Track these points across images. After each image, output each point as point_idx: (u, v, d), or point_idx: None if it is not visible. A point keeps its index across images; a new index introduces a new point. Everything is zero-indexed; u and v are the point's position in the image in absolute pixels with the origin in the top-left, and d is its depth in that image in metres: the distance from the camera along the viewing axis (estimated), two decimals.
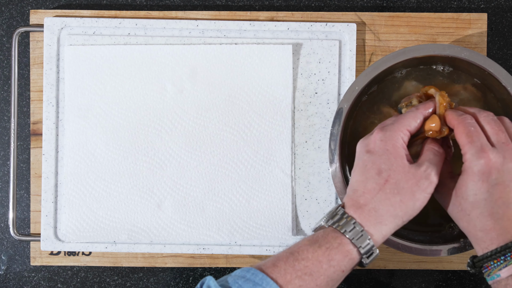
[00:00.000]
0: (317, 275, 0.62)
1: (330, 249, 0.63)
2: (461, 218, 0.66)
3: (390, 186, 0.64)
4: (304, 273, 0.62)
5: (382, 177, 0.65)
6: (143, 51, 0.82)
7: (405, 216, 0.65)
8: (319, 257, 0.63)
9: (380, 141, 0.66)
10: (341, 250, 0.63)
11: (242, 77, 0.82)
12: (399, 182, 0.64)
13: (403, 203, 0.64)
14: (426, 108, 0.69)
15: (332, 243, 0.63)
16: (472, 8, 0.85)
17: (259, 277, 0.62)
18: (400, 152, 0.65)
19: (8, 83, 0.86)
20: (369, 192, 0.65)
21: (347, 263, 0.63)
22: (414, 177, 0.65)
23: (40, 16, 0.83)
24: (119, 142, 0.82)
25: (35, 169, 0.84)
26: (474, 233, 0.65)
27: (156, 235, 0.81)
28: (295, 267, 0.62)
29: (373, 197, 0.64)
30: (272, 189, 0.81)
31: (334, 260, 0.63)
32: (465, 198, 0.64)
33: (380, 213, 0.64)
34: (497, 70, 0.74)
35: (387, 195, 0.64)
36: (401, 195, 0.64)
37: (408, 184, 0.64)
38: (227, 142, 0.81)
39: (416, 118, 0.68)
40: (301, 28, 0.82)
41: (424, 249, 0.74)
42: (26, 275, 0.85)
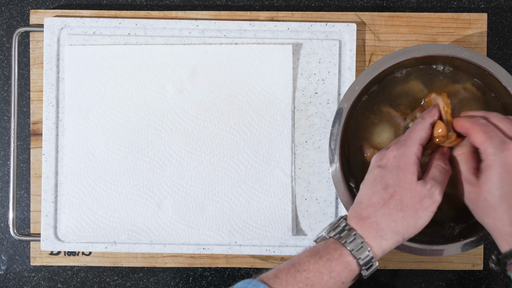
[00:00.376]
0: (318, 287, 0.63)
1: (331, 261, 0.64)
2: (487, 214, 0.65)
3: (394, 202, 0.65)
4: (305, 284, 0.63)
5: (388, 192, 0.65)
6: (143, 51, 0.82)
7: (406, 233, 0.66)
8: (320, 269, 0.63)
9: (393, 158, 0.67)
10: (341, 261, 0.64)
11: (242, 77, 0.82)
12: (404, 199, 0.65)
13: (405, 220, 0.65)
14: (432, 116, 0.69)
15: (333, 254, 0.64)
16: (472, 8, 0.85)
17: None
18: (411, 169, 0.66)
19: (8, 83, 0.86)
20: (373, 205, 0.66)
21: (347, 274, 0.64)
22: (418, 195, 0.65)
23: (40, 16, 0.83)
24: (119, 142, 0.82)
25: (35, 169, 0.84)
26: (502, 228, 0.64)
27: (156, 235, 0.81)
28: (296, 278, 0.63)
29: (376, 211, 0.65)
30: (272, 189, 0.81)
31: (334, 272, 0.63)
32: (492, 192, 0.64)
33: (381, 227, 0.65)
34: (497, 70, 0.74)
35: (390, 211, 0.65)
36: (404, 212, 0.65)
37: (412, 202, 0.65)
38: (227, 142, 0.81)
39: (425, 129, 0.68)
40: (301, 28, 0.82)
41: (424, 249, 0.74)
42: (26, 275, 0.85)
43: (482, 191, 0.65)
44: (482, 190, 0.65)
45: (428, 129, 0.69)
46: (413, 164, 0.66)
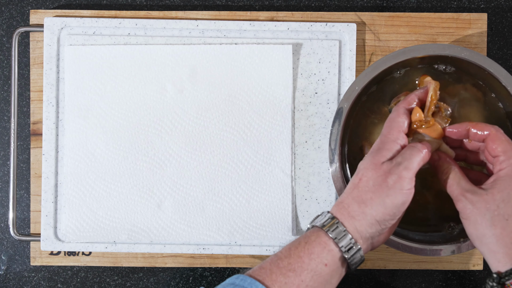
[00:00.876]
0: (300, 270, 0.63)
1: (309, 243, 0.65)
2: (495, 224, 0.63)
3: (362, 184, 0.66)
4: (288, 270, 0.64)
5: (358, 176, 0.66)
6: (143, 51, 0.82)
7: (378, 215, 0.65)
8: (299, 253, 0.64)
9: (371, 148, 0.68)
10: (318, 242, 0.65)
11: (242, 77, 0.82)
12: (370, 179, 0.65)
13: (373, 200, 0.65)
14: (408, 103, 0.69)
15: (310, 237, 0.65)
16: (472, 8, 0.85)
17: (248, 281, 0.63)
18: (383, 152, 0.66)
19: (8, 83, 0.86)
20: (346, 191, 0.67)
21: (327, 255, 0.64)
22: (383, 173, 0.65)
23: (40, 16, 0.83)
24: (119, 142, 0.82)
25: (35, 169, 0.84)
26: (508, 241, 0.63)
27: (156, 235, 0.81)
28: (279, 265, 0.64)
29: (348, 195, 0.66)
30: (272, 189, 0.81)
31: (313, 254, 0.64)
32: (506, 201, 0.63)
33: (352, 209, 0.65)
34: (497, 70, 0.74)
35: (359, 193, 0.66)
36: (371, 192, 0.65)
37: (378, 181, 0.65)
38: (227, 142, 0.81)
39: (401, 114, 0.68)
40: (301, 28, 0.82)
41: (424, 249, 0.74)
42: (26, 275, 0.85)
43: (495, 199, 0.64)
44: (496, 198, 0.64)
45: (404, 113, 0.68)
46: (387, 149, 0.66)
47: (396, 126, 0.68)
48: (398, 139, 0.67)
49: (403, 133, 0.68)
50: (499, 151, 0.66)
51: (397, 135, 0.67)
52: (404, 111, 0.69)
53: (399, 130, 0.67)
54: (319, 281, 0.64)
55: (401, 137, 0.67)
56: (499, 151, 0.66)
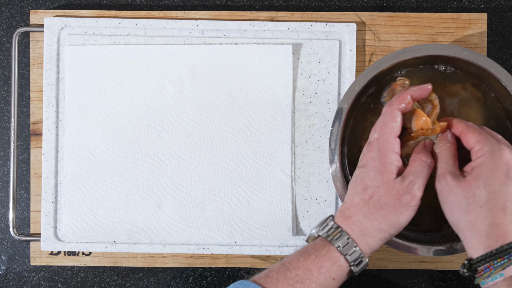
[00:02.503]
0: (308, 283, 0.64)
1: (319, 257, 0.65)
2: (470, 212, 0.64)
3: (373, 201, 0.66)
4: (295, 281, 0.64)
5: (367, 193, 0.67)
6: (143, 51, 0.82)
7: (391, 230, 0.66)
8: (309, 266, 0.65)
9: (371, 158, 0.68)
10: (329, 257, 0.65)
11: (242, 77, 0.82)
12: (382, 198, 0.66)
13: (387, 217, 0.66)
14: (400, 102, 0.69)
15: (321, 251, 0.65)
16: (472, 8, 0.85)
17: (251, 287, 0.63)
18: (388, 168, 0.67)
19: (8, 83, 0.86)
20: (354, 206, 0.67)
21: (336, 270, 0.65)
22: (397, 192, 0.66)
23: (40, 16, 0.83)
24: (119, 142, 0.82)
25: (35, 169, 0.84)
26: (481, 228, 0.63)
27: (156, 235, 0.81)
28: (286, 276, 0.64)
29: (358, 211, 0.67)
30: (272, 189, 0.81)
31: (323, 268, 0.65)
32: (481, 188, 0.64)
33: (364, 226, 0.66)
34: (497, 70, 0.74)
35: (370, 210, 0.66)
36: (384, 210, 0.66)
37: (391, 200, 0.66)
38: (227, 142, 0.81)
39: (395, 117, 0.68)
40: (301, 28, 0.82)
41: (424, 249, 0.74)
42: (26, 275, 0.85)
43: (471, 186, 0.64)
44: (472, 185, 0.64)
45: (398, 117, 0.68)
46: (390, 163, 0.67)
47: (391, 132, 0.68)
48: (395, 148, 0.67)
49: (397, 138, 0.68)
50: (472, 143, 0.66)
51: (394, 143, 0.67)
52: (398, 114, 0.68)
53: (394, 136, 0.68)
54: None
55: (397, 145, 0.68)
56: (472, 142, 0.66)
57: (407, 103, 0.69)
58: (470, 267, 0.64)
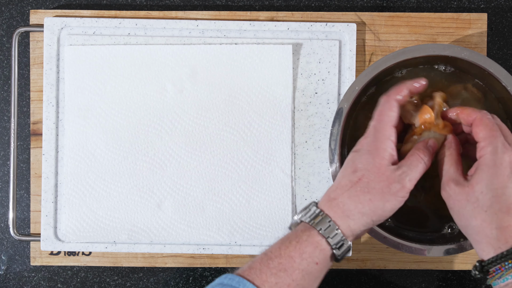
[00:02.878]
0: (291, 270, 0.63)
1: (300, 243, 0.64)
2: (475, 216, 0.63)
3: (361, 184, 0.65)
4: (278, 270, 0.63)
5: (356, 175, 0.66)
6: (143, 51, 0.82)
7: (374, 216, 0.65)
8: (290, 253, 0.64)
9: (366, 144, 0.67)
10: (310, 241, 0.64)
11: (242, 77, 0.82)
12: (371, 182, 0.65)
13: (372, 202, 0.65)
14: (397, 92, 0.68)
15: (301, 236, 0.65)
16: (472, 8, 0.85)
17: (236, 280, 0.63)
18: (381, 153, 0.66)
19: (8, 83, 0.86)
20: (341, 187, 0.66)
21: (318, 254, 0.64)
22: (387, 179, 0.65)
23: (40, 16, 0.83)
24: (119, 142, 0.82)
25: (35, 169, 0.84)
26: (489, 232, 0.63)
27: (156, 235, 0.81)
28: (269, 265, 0.64)
29: (343, 192, 0.66)
30: (272, 189, 0.81)
31: (305, 253, 0.64)
32: (485, 193, 0.63)
33: (347, 207, 0.65)
34: (497, 70, 0.73)
35: (357, 192, 0.65)
36: (370, 194, 0.65)
37: (379, 185, 0.65)
38: (227, 142, 0.81)
39: (393, 108, 0.68)
40: (301, 28, 0.82)
41: (424, 249, 0.74)
42: (26, 275, 0.85)
43: (474, 191, 0.64)
44: (475, 189, 0.64)
45: (395, 107, 0.68)
46: (384, 149, 0.66)
47: (388, 121, 0.67)
48: (391, 136, 0.67)
49: (394, 127, 0.67)
50: (480, 137, 0.66)
51: (390, 131, 0.67)
52: (395, 104, 0.68)
53: (391, 125, 0.67)
54: (310, 279, 0.64)
55: (393, 133, 0.67)
56: (480, 137, 0.66)
57: (403, 95, 0.68)
58: (482, 269, 0.63)
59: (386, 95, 0.69)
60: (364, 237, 0.82)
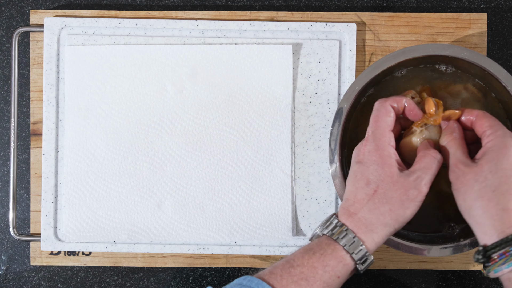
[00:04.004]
0: (313, 280, 0.64)
1: (324, 255, 0.65)
2: (482, 196, 0.63)
3: (378, 196, 0.66)
4: (300, 278, 0.64)
5: (371, 187, 0.66)
6: (143, 51, 0.82)
7: (397, 224, 0.66)
8: (314, 263, 0.64)
9: (368, 152, 0.67)
10: (334, 256, 0.65)
11: (242, 77, 0.82)
12: (388, 192, 0.65)
13: (393, 212, 0.65)
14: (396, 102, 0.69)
15: (326, 249, 0.65)
16: (472, 8, 0.85)
17: (255, 282, 0.63)
18: (388, 161, 0.66)
19: (8, 83, 0.86)
20: (359, 202, 0.66)
21: (341, 268, 0.65)
22: (402, 186, 0.65)
23: (40, 16, 0.83)
24: (119, 142, 0.82)
25: (35, 169, 0.84)
26: (494, 212, 0.62)
27: (156, 235, 0.81)
28: (291, 273, 0.64)
29: (363, 206, 0.66)
30: (272, 189, 0.81)
31: (328, 266, 0.64)
32: (494, 171, 0.63)
33: (370, 221, 0.65)
34: (497, 70, 0.73)
35: (376, 205, 0.65)
36: (390, 204, 0.65)
37: (396, 194, 0.65)
38: (227, 142, 0.81)
39: (389, 113, 0.68)
40: (301, 28, 0.82)
41: (424, 249, 0.74)
42: (26, 275, 0.85)
43: (483, 170, 0.64)
44: (484, 169, 0.64)
45: (391, 112, 0.68)
46: (389, 156, 0.66)
47: (386, 127, 0.68)
48: (391, 141, 0.68)
49: (391, 132, 0.68)
50: (485, 126, 0.66)
51: (389, 136, 0.68)
52: (391, 109, 0.69)
53: (389, 130, 0.68)
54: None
55: (392, 138, 0.68)
56: (486, 126, 0.66)
57: (400, 107, 0.69)
58: (485, 254, 0.63)
59: (382, 100, 0.70)
60: None
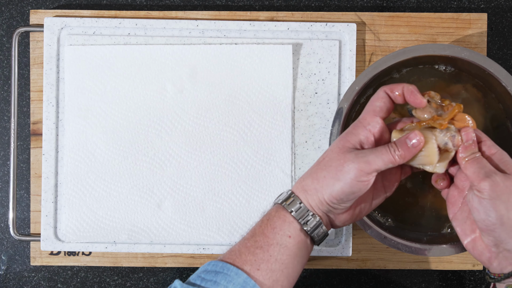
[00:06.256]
0: (267, 246, 0.66)
1: (270, 219, 0.67)
2: None
3: (322, 163, 0.67)
4: (255, 248, 0.66)
5: (322, 156, 0.68)
6: (143, 51, 0.82)
7: (325, 194, 0.65)
8: (263, 230, 0.67)
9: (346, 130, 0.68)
10: (278, 216, 0.67)
11: (242, 77, 0.82)
12: (330, 161, 0.66)
13: (325, 179, 0.65)
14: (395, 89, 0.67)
15: (271, 213, 0.68)
16: (472, 8, 0.85)
17: (220, 265, 0.65)
18: (349, 137, 0.66)
19: (8, 83, 0.86)
20: (309, 170, 0.68)
21: (288, 227, 0.66)
22: (344, 158, 0.65)
23: (40, 16, 0.83)
24: (119, 142, 0.82)
25: (35, 169, 0.84)
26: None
27: (156, 235, 0.81)
28: (246, 245, 0.66)
29: (308, 171, 0.68)
30: (272, 189, 0.81)
31: (276, 228, 0.66)
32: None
33: (306, 183, 0.67)
34: (497, 70, 0.73)
35: (316, 170, 0.67)
36: (326, 171, 0.66)
37: (335, 163, 0.65)
38: (227, 142, 0.81)
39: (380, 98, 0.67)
40: (301, 28, 0.82)
41: (424, 249, 0.74)
42: (26, 275, 0.85)
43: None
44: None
45: (383, 98, 0.67)
46: (354, 134, 0.66)
47: (371, 110, 0.67)
48: (369, 124, 0.66)
49: (379, 117, 0.67)
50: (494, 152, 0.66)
51: (370, 119, 0.66)
52: (384, 95, 0.67)
53: (374, 114, 0.67)
54: (287, 253, 0.66)
55: (373, 122, 0.66)
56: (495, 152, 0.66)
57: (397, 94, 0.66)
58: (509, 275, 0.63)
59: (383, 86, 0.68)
60: (364, 237, 0.82)
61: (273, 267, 0.65)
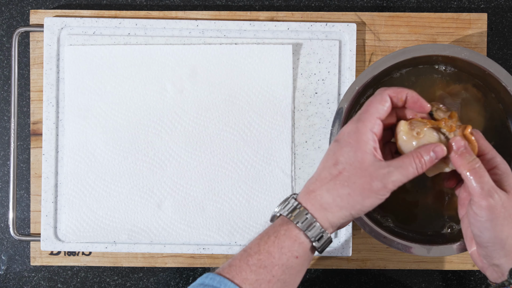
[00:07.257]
0: (271, 266, 0.62)
1: (279, 238, 0.63)
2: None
3: (341, 178, 0.63)
4: (258, 267, 0.62)
5: (337, 168, 0.63)
6: (143, 51, 0.82)
7: (353, 210, 0.63)
8: (269, 248, 0.63)
9: (347, 133, 0.64)
10: (288, 235, 0.63)
11: (242, 77, 0.82)
12: (352, 176, 0.63)
13: (351, 197, 0.63)
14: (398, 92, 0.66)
15: (280, 231, 0.64)
16: (472, 8, 0.85)
17: (217, 280, 0.62)
18: (363, 146, 0.63)
19: (8, 83, 0.86)
20: (321, 180, 0.64)
21: (298, 247, 0.63)
22: (369, 175, 0.62)
23: (40, 16, 0.83)
24: (119, 142, 0.82)
25: (35, 169, 0.84)
26: None
27: (156, 235, 0.81)
28: (248, 262, 0.63)
29: (323, 185, 0.64)
30: (272, 189, 0.81)
31: (284, 248, 0.63)
32: None
33: (325, 200, 0.63)
34: (497, 70, 0.74)
35: (336, 186, 0.63)
36: (350, 188, 0.63)
37: (360, 181, 0.62)
38: (227, 142, 0.81)
39: (383, 101, 0.65)
40: (301, 28, 0.82)
41: (424, 249, 0.74)
42: (26, 275, 0.85)
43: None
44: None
45: (386, 102, 0.65)
46: (366, 141, 0.63)
47: (375, 112, 0.65)
48: (374, 127, 0.64)
49: (380, 120, 0.65)
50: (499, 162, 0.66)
51: (374, 122, 0.64)
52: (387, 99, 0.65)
53: (377, 117, 0.65)
54: (291, 273, 0.63)
55: (377, 126, 0.64)
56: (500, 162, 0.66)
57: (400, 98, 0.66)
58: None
59: (383, 88, 0.67)
60: (364, 237, 0.82)
61: (274, 287, 0.62)
